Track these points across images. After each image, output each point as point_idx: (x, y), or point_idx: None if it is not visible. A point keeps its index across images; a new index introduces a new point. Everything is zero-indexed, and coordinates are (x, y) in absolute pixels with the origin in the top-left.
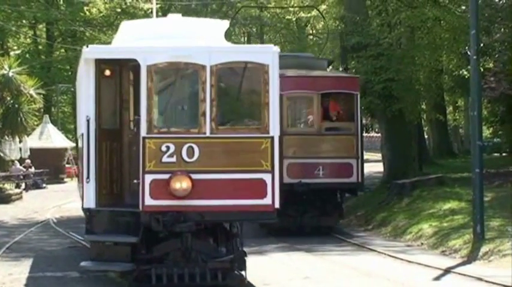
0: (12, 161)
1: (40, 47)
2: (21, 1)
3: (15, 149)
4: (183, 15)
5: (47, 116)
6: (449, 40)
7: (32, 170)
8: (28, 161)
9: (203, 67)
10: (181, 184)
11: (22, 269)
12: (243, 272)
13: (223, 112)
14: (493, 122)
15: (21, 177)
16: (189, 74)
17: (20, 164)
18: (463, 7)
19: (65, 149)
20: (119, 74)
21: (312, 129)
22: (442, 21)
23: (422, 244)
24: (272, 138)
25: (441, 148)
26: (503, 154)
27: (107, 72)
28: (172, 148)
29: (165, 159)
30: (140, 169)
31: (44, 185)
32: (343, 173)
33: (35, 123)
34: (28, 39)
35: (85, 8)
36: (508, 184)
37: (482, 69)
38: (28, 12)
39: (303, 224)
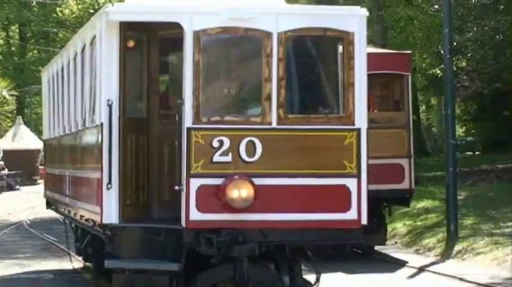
0: None
1: (13, 49)
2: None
3: None
4: None
5: (20, 117)
6: (422, 39)
7: (5, 172)
8: (1, 163)
9: (268, 35)
10: (240, 192)
11: None
12: None
13: (295, 95)
14: (466, 120)
15: None
16: (249, 43)
17: None
18: (436, 6)
19: (38, 151)
20: (146, 46)
21: None
22: (415, 21)
23: (396, 242)
24: (359, 131)
25: (414, 147)
26: (476, 152)
27: (131, 43)
28: (227, 142)
29: (217, 158)
30: (183, 171)
31: (18, 187)
32: (391, 177)
33: (8, 125)
34: (0, 41)
35: (57, 8)
36: (481, 183)
37: (455, 68)
38: (0, 13)
39: None
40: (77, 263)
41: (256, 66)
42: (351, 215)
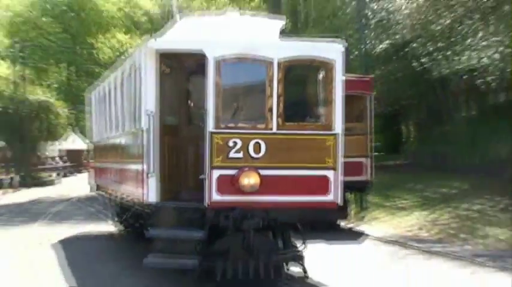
0: (52, 157)
1: (69, 81)
2: (58, 53)
3: (54, 149)
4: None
5: (74, 127)
6: None
7: (67, 163)
8: (65, 158)
9: (271, 62)
10: (250, 180)
11: (57, 230)
12: (303, 267)
13: (290, 108)
14: (375, 132)
15: (60, 168)
16: (256, 68)
17: (57, 159)
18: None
19: (85, 150)
20: (178, 70)
21: None
22: None
23: None
24: (336, 135)
25: None
26: (382, 153)
27: (167, 67)
28: (239, 143)
29: (232, 154)
30: (207, 163)
31: (75, 173)
32: (355, 171)
33: (63, 132)
34: (63, 76)
35: (96, 53)
36: (384, 174)
37: None
38: (53, 57)
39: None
40: (116, 227)
41: (261, 86)
42: (329, 197)
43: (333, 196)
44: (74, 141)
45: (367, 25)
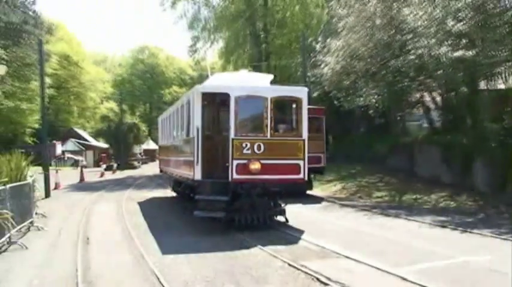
0: (138, 153)
1: (147, 112)
2: (141, 97)
3: (138, 149)
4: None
5: (149, 136)
6: None
7: (143, 157)
8: (144, 153)
9: (266, 98)
10: (255, 166)
11: (139, 193)
12: (285, 217)
13: (277, 125)
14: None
15: (142, 159)
16: (258, 102)
17: (140, 154)
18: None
19: (155, 149)
20: (212, 103)
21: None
22: None
23: None
24: (304, 140)
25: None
26: None
27: (206, 101)
28: (248, 145)
29: (244, 151)
30: (230, 157)
31: (149, 162)
32: (315, 161)
33: (144, 140)
34: (144, 110)
35: (162, 96)
36: None
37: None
38: (142, 99)
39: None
40: (173, 193)
41: (261, 112)
42: (300, 176)
43: (303, 175)
44: (149, 144)
45: (308, 82)
